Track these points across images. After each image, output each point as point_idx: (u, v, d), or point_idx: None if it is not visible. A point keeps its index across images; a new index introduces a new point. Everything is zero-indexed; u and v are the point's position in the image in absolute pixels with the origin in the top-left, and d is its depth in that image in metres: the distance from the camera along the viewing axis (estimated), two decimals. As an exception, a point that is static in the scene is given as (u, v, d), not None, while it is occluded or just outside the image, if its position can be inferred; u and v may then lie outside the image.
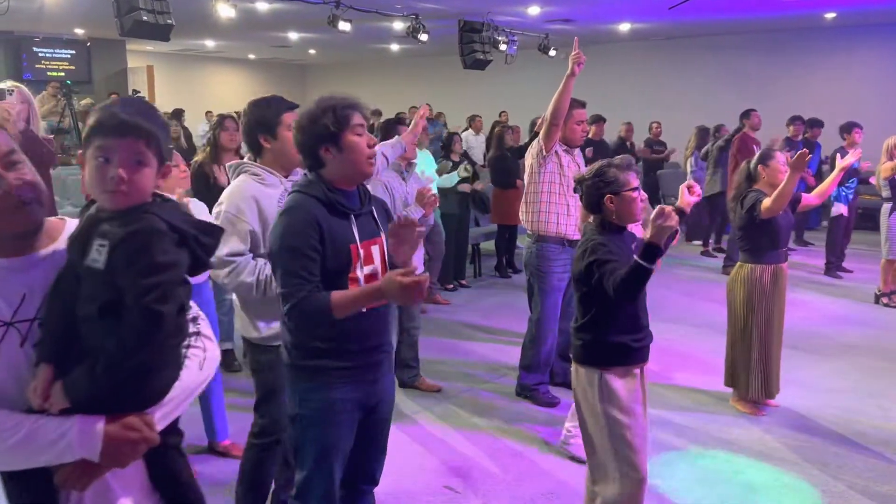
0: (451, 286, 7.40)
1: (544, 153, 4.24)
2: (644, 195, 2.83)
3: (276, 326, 2.69)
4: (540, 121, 8.50)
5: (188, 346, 1.50)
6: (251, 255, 2.66)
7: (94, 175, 1.38)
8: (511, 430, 4.11)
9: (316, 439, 2.28)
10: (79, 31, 13.33)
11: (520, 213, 4.49)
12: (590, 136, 8.80)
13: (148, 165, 1.39)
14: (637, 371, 2.76)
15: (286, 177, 2.75)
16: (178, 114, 11.45)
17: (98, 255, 1.33)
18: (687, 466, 3.69)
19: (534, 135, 8.14)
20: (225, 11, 8.60)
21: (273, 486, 3.00)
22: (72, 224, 1.48)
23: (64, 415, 1.32)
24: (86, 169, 1.39)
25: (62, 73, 13.23)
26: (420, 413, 4.36)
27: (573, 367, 2.82)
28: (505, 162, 7.56)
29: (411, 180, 4.47)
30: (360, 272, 2.23)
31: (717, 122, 9.34)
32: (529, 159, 4.37)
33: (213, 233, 1.49)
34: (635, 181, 2.74)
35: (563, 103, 4.07)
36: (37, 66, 13.13)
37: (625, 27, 12.41)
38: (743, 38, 13.10)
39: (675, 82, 13.79)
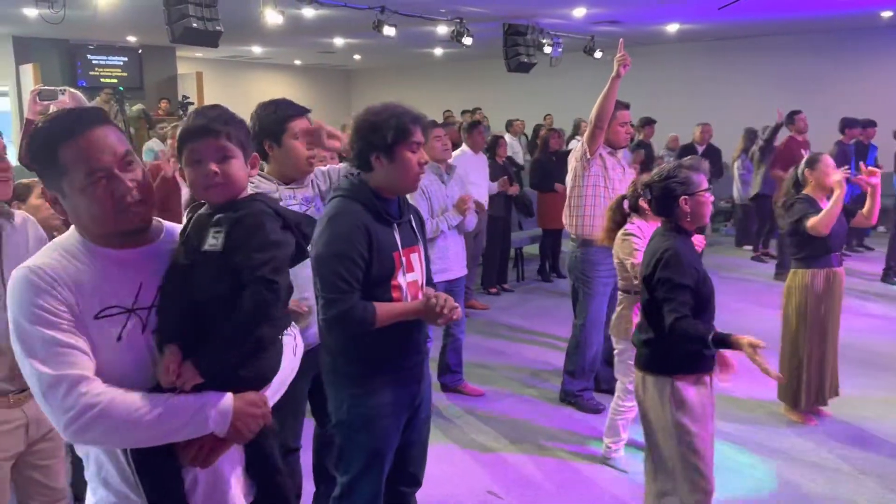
0: (495, 290, 7.37)
1: (588, 156, 4.18)
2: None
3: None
4: (584, 124, 8.44)
5: (283, 334, 1.57)
6: None
7: (193, 177, 1.50)
8: (555, 437, 4.07)
9: (363, 444, 2.29)
10: (131, 39, 13.67)
11: (563, 217, 4.44)
12: (640, 138, 8.70)
13: (234, 157, 1.50)
14: (707, 379, 2.68)
15: (287, 185, 2.64)
16: (226, 119, 11.65)
17: (215, 240, 1.43)
18: (739, 477, 3.60)
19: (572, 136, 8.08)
20: (272, 18, 8.72)
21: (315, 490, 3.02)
22: (169, 225, 1.57)
23: (193, 393, 1.38)
24: (186, 175, 1.52)
25: (115, 80, 13.57)
26: (462, 417, 4.34)
27: (637, 376, 2.75)
28: (547, 165, 7.50)
29: (451, 183, 4.43)
30: (403, 279, 2.25)
31: (766, 124, 9.13)
32: (573, 162, 4.32)
33: (311, 223, 1.59)
34: (705, 182, 2.67)
35: (607, 106, 4.01)
36: (91, 72, 13.49)
37: (673, 28, 12.22)
38: (794, 39, 12.78)
39: (723, 84, 13.52)
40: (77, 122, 1.39)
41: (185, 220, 1.55)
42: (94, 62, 13.60)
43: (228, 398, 1.41)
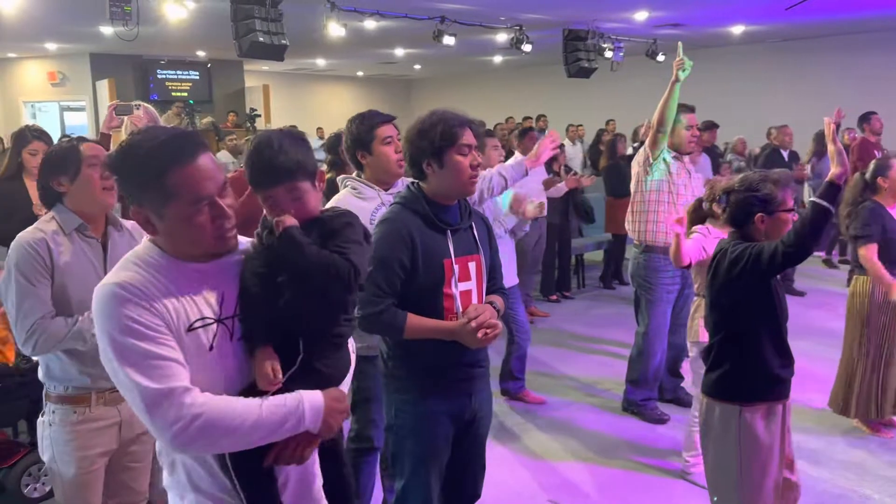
0: (555, 297, 7.31)
1: (651, 160, 4.12)
2: None
3: (367, 342, 2.71)
4: (644, 128, 8.29)
5: None
6: None
7: (271, 213, 1.57)
8: (618, 447, 4.01)
9: (411, 450, 2.29)
10: (200, 54, 14.13)
11: (626, 223, 4.39)
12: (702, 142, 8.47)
13: (305, 192, 1.56)
14: (780, 408, 2.44)
15: (386, 190, 2.78)
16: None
17: (309, 237, 1.51)
18: (809, 493, 3.47)
19: (640, 143, 7.94)
20: (335, 31, 8.88)
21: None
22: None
23: (287, 393, 1.44)
24: (265, 208, 1.58)
25: (185, 94, 14.05)
26: (524, 425, 4.32)
27: (702, 400, 2.53)
28: (618, 170, 7.41)
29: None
30: (455, 288, 2.22)
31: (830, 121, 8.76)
32: (636, 167, 4.26)
33: (370, 238, 1.65)
34: (791, 200, 2.48)
35: (668, 109, 3.95)
36: (162, 87, 14.01)
37: (738, 30, 11.94)
38: (864, 38, 12.30)
39: (790, 85, 13.11)
40: (186, 148, 1.41)
41: (259, 229, 1.58)
42: (165, 77, 14.12)
43: (319, 395, 1.47)
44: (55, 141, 3.85)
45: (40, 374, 2.30)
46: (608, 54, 11.28)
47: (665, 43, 11.96)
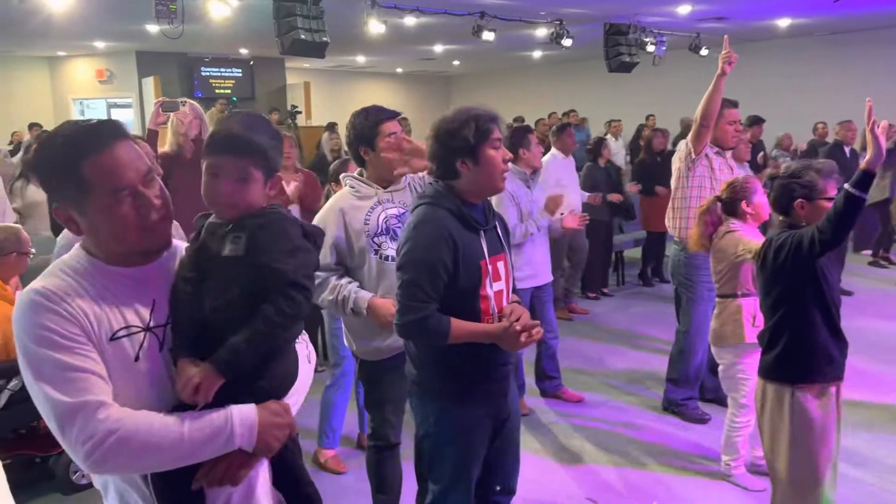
0: (594, 294, 7.26)
1: (693, 156, 4.06)
2: None
3: (371, 344, 2.72)
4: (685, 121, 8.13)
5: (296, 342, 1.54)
6: (338, 272, 2.69)
7: (206, 188, 1.44)
8: (657, 447, 3.97)
9: (452, 456, 2.26)
10: (243, 51, 14.32)
11: (666, 219, 4.33)
12: (747, 137, 8.31)
13: (253, 181, 1.43)
14: (833, 389, 2.52)
15: (385, 188, 2.73)
16: (331, 126, 12.02)
17: (235, 244, 1.39)
18: (852, 495, 3.39)
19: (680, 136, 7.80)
20: (375, 28, 8.93)
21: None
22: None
23: (215, 408, 1.31)
24: (202, 182, 1.45)
25: (228, 91, 14.27)
26: (561, 423, 4.30)
27: (758, 383, 2.63)
28: (652, 167, 7.33)
29: (537, 189, 4.39)
30: (490, 289, 2.19)
31: (886, 122, 8.50)
32: (677, 163, 4.20)
33: (319, 234, 1.53)
34: (833, 190, 2.51)
35: (713, 104, 3.89)
36: (206, 84, 14.25)
37: (784, 23, 11.67)
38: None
39: (838, 80, 12.77)
40: (100, 136, 1.31)
41: (195, 230, 1.49)
42: (209, 74, 14.35)
43: (252, 409, 1.34)
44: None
45: (35, 396, 2.32)
46: (650, 49, 11.13)
47: (709, 37, 11.76)
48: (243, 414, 1.33)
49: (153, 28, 9.78)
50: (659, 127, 8.68)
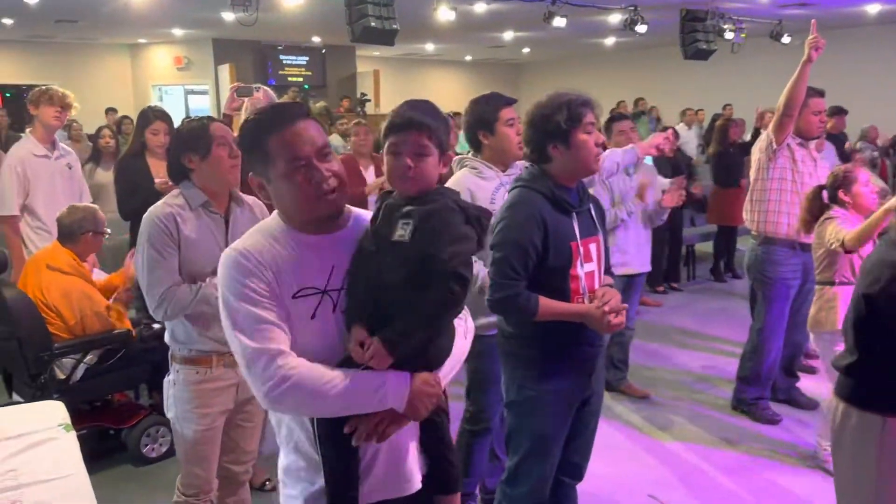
0: (662, 288, 7.09)
1: (774, 146, 3.88)
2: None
3: (483, 321, 2.73)
4: (759, 112, 7.81)
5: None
6: None
7: (389, 167, 1.59)
8: (723, 446, 3.84)
9: (531, 428, 2.32)
10: (315, 39, 14.54)
11: (744, 213, 4.16)
12: (828, 128, 7.97)
13: (429, 155, 1.58)
14: None
15: (504, 171, 2.80)
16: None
17: (403, 231, 1.51)
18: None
19: (755, 130, 7.52)
20: (445, 15, 8.93)
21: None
22: (357, 211, 1.66)
23: (377, 371, 1.47)
24: (385, 162, 1.61)
25: (300, 79, 14.51)
26: (625, 418, 4.22)
27: (837, 406, 2.20)
28: (727, 158, 7.08)
29: (639, 175, 4.29)
30: (581, 270, 2.24)
31: None
32: (757, 153, 4.03)
33: (488, 216, 1.64)
34: None
35: (798, 92, 3.71)
36: (280, 72, 14.51)
37: (874, 9, 11.11)
38: None
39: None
40: (283, 116, 1.51)
41: (375, 207, 1.63)
42: (282, 62, 14.61)
43: (406, 377, 1.50)
44: (175, 122, 4.07)
45: (166, 338, 2.43)
46: (728, 35, 10.78)
47: (791, 24, 11.30)
48: (398, 380, 1.49)
49: (229, 16, 9.99)
50: (736, 117, 8.40)
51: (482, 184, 2.76)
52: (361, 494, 1.54)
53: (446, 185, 2.79)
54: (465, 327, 1.68)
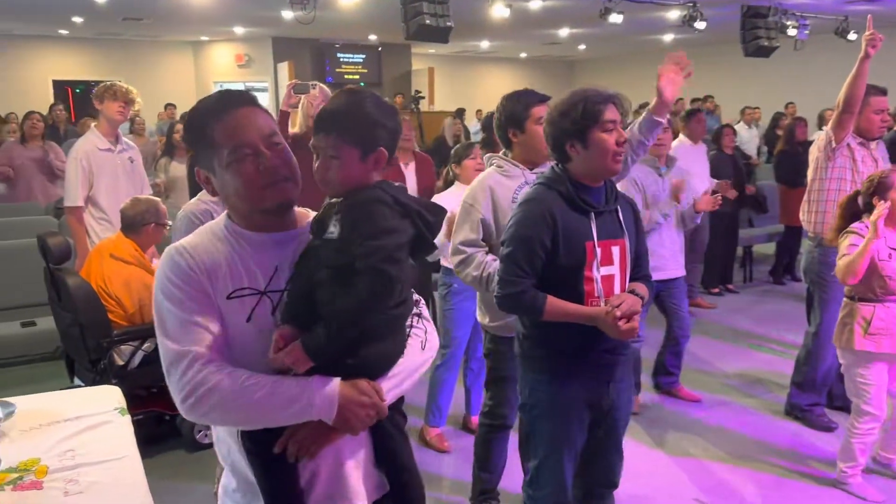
0: (717, 290, 6.94)
1: (833, 145, 3.77)
2: None
3: (500, 322, 2.74)
4: (820, 114, 7.56)
5: (411, 326, 1.54)
6: (483, 248, 2.70)
7: (315, 168, 1.50)
8: (776, 452, 3.75)
9: (545, 431, 2.28)
10: (372, 37, 14.68)
11: (801, 213, 4.05)
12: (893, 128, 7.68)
13: (338, 157, 1.46)
14: None
15: (532, 169, 2.75)
16: (459, 112, 12.09)
17: (333, 227, 1.43)
18: None
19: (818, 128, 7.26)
20: (499, 12, 8.91)
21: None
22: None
23: (301, 376, 1.36)
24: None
25: (357, 76, 14.68)
26: (674, 421, 4.15)
27: None
28: (794, 157, 6.88)
29: (673, 175, 4.17)
30: (597, 272, 2.15)
31: None
32: (815, 152, 3.91)
33: (437, 211, 1.51)
34: None
35: (856, 89, 3.59)
36: (337, 69, 14.71)
37: (948, 3, 10.65)
38: None
39: None
40: (224, 103, 1.43)
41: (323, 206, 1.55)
42: (339, 59, 14.80)
43: (335, 383, 1.36)
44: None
45: (158, 337, 2.46)
46: (791, 32, 10.48)
47: (857, 20, 10.91)
48: (325, 386, 1.36)
49: (288, 14, 10.18)
50: (798, 116, 8.15)
51: (505, 182, 2.72)
52: None
53: (471, 184, 2.80)
54: (423, 338, 1.55)
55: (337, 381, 1.37)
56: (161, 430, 3.83)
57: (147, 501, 1.79)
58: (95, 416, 2.22)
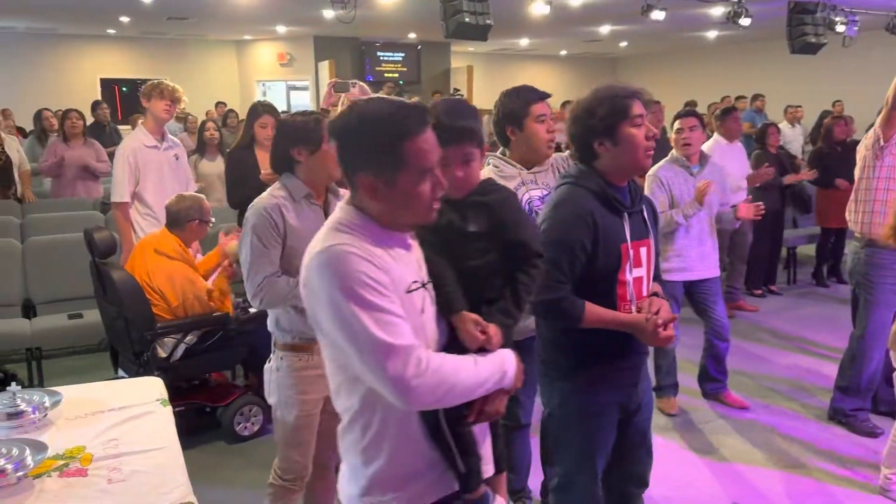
0: (760, 291, 6.81)
1: (882, 143, 3.66)
2: None
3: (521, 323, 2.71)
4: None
5: None
6: None
7: (456, 177, 1.71)
8: (818, 457, 3.67)
9: (576, 439, 2.22)
10: (411, 36, 14.72)
11: (847, 213, 3.95)
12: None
13: (474, 160, 1.70)
14: None
15: (528, 169, 2.70)
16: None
17: (477, 222, 1.68)
18: None
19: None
20: (539, 9, 8.86)
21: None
22: None
23: (480, 353, 1.56)
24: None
25: (396, 75, 14.75)
26: (715, 423, 4.09)
27: None
28: (830, 158, 6.72)
29: (705, 175, 4.04)
30: (629, 274, 2.11)
31: None
32: (863, 150, 3.81)
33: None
34: None
35: (907, 85, 3.49)
36: (376, 68, 14.80)
37: None
38: None
39: None
40: (419, 119, 1.48)
41: None
42: (379, 58, 14.89)
43: (512, 353, 1.60)
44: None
45: (270, 326, 2.50)
46: (840, 29, 10.20)
47: (911, 14, 10.60)
48: (512, 358, 1.60)
49: (329, 13, 10.27)
50: (848, 115, 7.94)
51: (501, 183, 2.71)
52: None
53: None
54: None
55: (512, 352, 1.61)
56: (202, 422, 3.90)
57: (187, 491, 1.82)
58: (138, 407, 2.28)
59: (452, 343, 1.59)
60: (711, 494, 3.34)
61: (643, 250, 2.15)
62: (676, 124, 4.11)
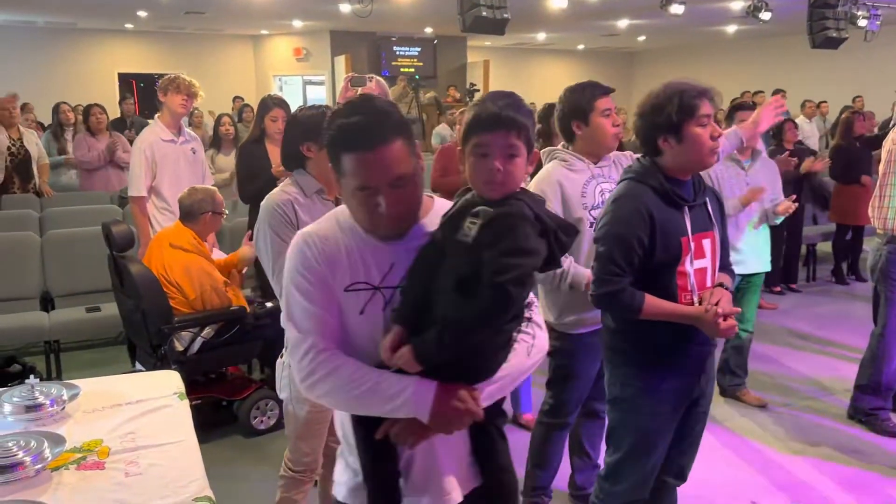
0: (779, 289, 6.74)
1: (908, 140, 3.61)
2: None
3: (571, 318, 2.71)
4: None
5: (519, 332, 1.52)
6: None
7: (473, 168, 1.45)
8: (837, 457, 3.63)
9: (635, 425, 2.26)
10: (427, 30, 14.70)
11: (869, 209, 3.89)
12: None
13: (519, 156, 1.45)
14: None
15: (595, 163, 2.73)
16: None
17: (468, 230, 1.39)
18: None
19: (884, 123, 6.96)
20: (557, 3, 8.80)
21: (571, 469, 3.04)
22: (440, 203, 1.59)
23: (404, 374, 1.42)
24: (467, 163, 1.48)
25: (412, 69, 14.74)
26: (735, 422, 4.05)
27: None
28: (849, 153, 6.62)
29: (757, 169, 4.08)
30: (690, 266, 2.14)
31: None
32: (888, 145, 3.75)
33: (570, 231, 1.48)
34: None
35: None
36: (393, 62, 14.80)
37: None
38: None
39: None
40: (364, 139, 1.40)
41: (454, 200, 1.53)
42: (395, 53, 14.88)
43: (431, 387, 1.40)
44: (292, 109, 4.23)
45: (283, 320, 2.50)
46: (861, 23, 10.06)
47: (935, 8, 10.45)
48: (422, 387, 1.41)
49: (345, 7, 10.27)
50: (868, 110, 7.84)
51: (572, 176, 2.68)
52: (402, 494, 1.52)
53: (534, 179, 2.77)
54: (530, 344, 1.54)
55: (435, 385, 1.41)
56: (218, 416, 3.92)
57: (204, 485, 1.82)
58: (155, 400, 2.28)
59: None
60: (732, 493, 3.31)
61: (706, 242, 2.18)
62: (738, 116, 4.08)
